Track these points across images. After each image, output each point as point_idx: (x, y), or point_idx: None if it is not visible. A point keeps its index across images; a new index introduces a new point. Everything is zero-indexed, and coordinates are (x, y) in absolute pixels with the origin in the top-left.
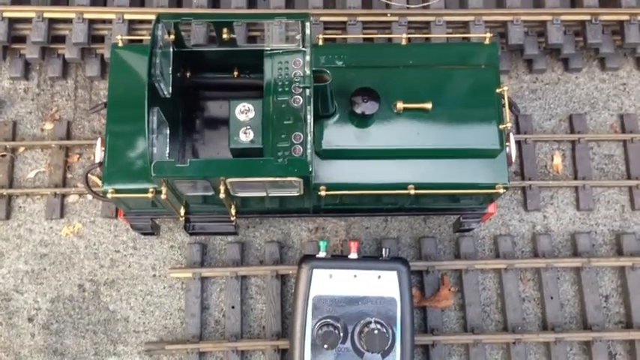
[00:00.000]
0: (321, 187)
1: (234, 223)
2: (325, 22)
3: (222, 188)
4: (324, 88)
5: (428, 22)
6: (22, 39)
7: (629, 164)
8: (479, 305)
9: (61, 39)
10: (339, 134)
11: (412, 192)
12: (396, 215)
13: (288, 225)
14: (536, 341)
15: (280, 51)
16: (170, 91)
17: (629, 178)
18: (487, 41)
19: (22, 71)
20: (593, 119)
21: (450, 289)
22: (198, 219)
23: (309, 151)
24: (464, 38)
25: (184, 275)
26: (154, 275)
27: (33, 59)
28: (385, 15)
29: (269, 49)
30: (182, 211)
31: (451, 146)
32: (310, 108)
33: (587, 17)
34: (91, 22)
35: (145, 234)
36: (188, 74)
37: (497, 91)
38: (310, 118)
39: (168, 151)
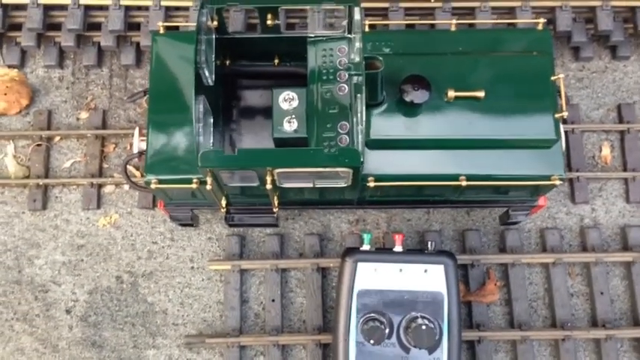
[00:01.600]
0: (369, 179)
1: (275, 215)
2: (366, 9)
3: (268, 179)
4: (375, 75)
5: (472, 8)
6: (56, 26)
7: None
8: (526, 300)
9: (97, 26)
10: (387, 124)
11: (464, 183)
12: (440, 207)
13: (328, 217)
14: (585, 338)
15: (324, 38)
16: (213, 79)
17: None
18: (539, 27)
19: (56, 59)
20: None
21: (495, 284)
22: (239, 210)
23: (359, 140)
24: (512, 24)
25: (223, 267)
26: (192, 267)
27: (68, 47)
28: (428, 1)
29: (313, 35)
30: (223, 203)
31: (504, 136)
32: (361, 96)
33: (638, 3)
34: (127, 8)
35: (183, 225)
36: (227, 62)
37: (552, 78)
38: (361, 107)
39: (212, 141)
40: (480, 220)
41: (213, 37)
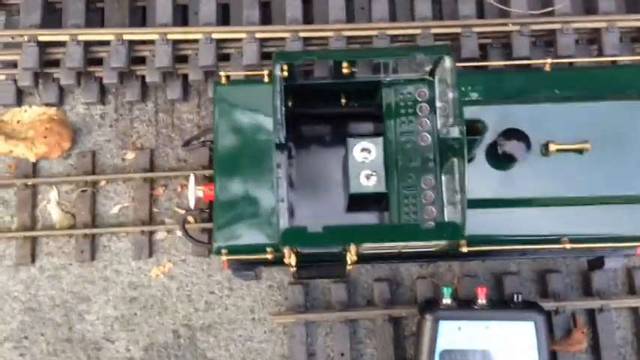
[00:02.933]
0: (461, 242)
1: (346, 273)
2: (435, 35)
3: (352, 251)
4: (474, 141)
5: (553, 31)
6: (96, 61)
7: None
8: (614, 347)
9: (140, 60)
10: (480, 181)
11: (568, 246)
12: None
13: (397, 265)
14: None
15: (402, 81)
16: (285, 136)
17: None
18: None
19: (97, 95)
20: None
21: (582, 332)
22: (310, 268)
23: (460, 211)
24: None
25: (287, 320)
26: (253, 318)
27: (111, 84)
28: (505, 25)
29: (388, 79)
30: (293, 262)
31: (611, 193)
32: (462, 161)
33: None
34: (174, 42)
35: (246, 280)
36: (290, 103)
37: None
38: (462, 171)
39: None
40: (560, 259)
41: (283, 85)
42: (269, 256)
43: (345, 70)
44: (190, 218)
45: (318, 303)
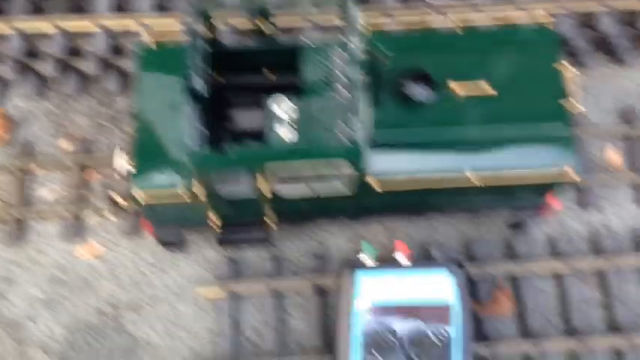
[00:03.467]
0: (372, 179)
1: (270, 232)
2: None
3: (263, 186)
4: (377, 72)
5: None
6: (36, 54)
7: None
8: (538, 312)
9: (78, 52)
10: (390, 123)
11: (473, 179)
12: (448, 215)
13: (325, 235)
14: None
15: (320, 44)
16: (208, 90)
17: None
18: (543, 21)
19: (36, 88)
20: None
21: (506, 295)
22: (232, 228)
23: (360, 136)
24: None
25: (213, 292)
26: (181, 296)
27: (50, 76)
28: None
29: (307, 42)
30: (215, 219)
31: (514, 130)
32: (361, 93)
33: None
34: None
35: (171, 248)
36: (222, 80)
37: (561, 72)
38: (362, 104)
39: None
40: (484, 229)
41: (206, 46)
42: (185, 198)
43: (262, 29)
44: (120, 200)
45: (246, 277)
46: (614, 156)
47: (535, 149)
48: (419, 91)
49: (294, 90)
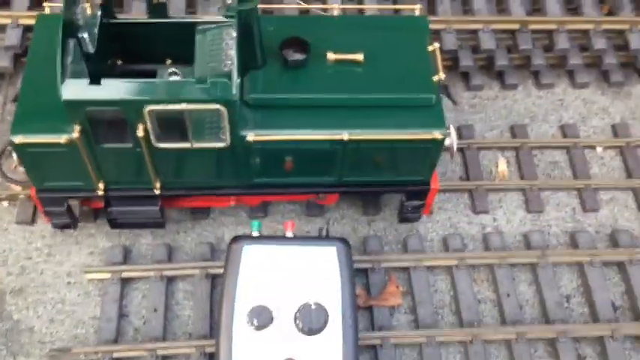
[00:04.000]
0: (250, 134)
1: (159, 205)
2: None
3: (140, 127)
4: (252, 20)
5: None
6: None
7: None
8: (430, 305)
9: None
10: (269, 84)
11: (345, 137)
12: (325, 192)
13: (222, 229)
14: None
15: (212, 26)
16: (93, 48)
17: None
18: (417, 13)
19: None
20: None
21: (397, 287)
22: (121, 204)
23: (234, 77)
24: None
25: (101, 276)
26: (69, 282)
27: None
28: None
29: (200, 20)
30: (101, 185)
31: (385, 95)
32: (236, 48)
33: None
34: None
35: (61, 226)
36: (119, 62)
37: (429, 49)
38: (235, 55)
39: None
40: (381, 230)
41: (98, 16)
42: (62, 140)
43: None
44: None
45: (136, 263)
46: (504, 166)
47: (405, 114)
48: (294, 54)
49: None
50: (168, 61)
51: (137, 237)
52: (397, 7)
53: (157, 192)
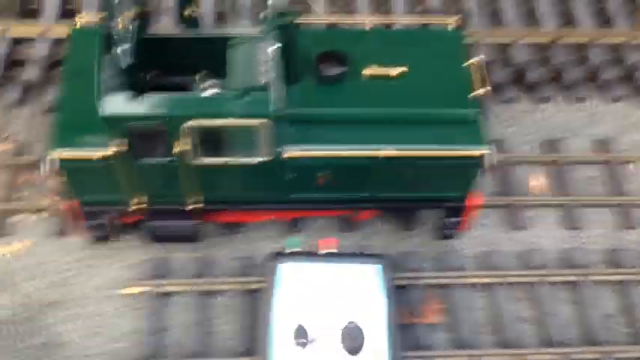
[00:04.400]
0: (287, 150)
1: (194, 221)
2: None
3: (180, 142)
4: (291, 27)
5: None
6: None
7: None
8: (470, 323)
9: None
10: (306, 98)
11: (382, 154)
12: (361, 208)
13: (256, 245)
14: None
15: (245, 39)
16: (130, 61)
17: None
18: (452, 26)
19: None
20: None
21: (436, 304)
22: (157, 218)
23: (273, 97)
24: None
25: (139, 290)
26: (106, 296)
27: None
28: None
29: (233, 34)
30: (138, 199)
31: (423, 110)
32: (276, 64)
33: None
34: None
35: (97, 239)
36: (154, 73)
37: (468, 63)
38: (275, 71)
39: None
40: (417, 245)
41: (134, 29)
42: (100, 155)
43: (186, 13)
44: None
45: (172, 278)
46: (538, 182)
47: (443, 130)
48: (331, 69)
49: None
50: (200, 74)
51: (171, 250)
52: (432, 20)
53: (194, 206)
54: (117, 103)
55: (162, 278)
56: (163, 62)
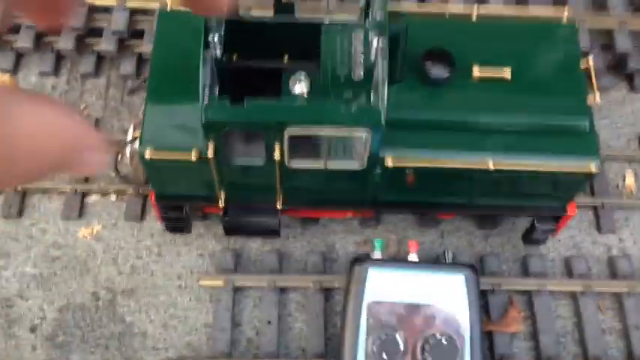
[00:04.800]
0: (388, 158)
1: (278, 220)
2: None
3: (277, 148)
4: (400, 30)
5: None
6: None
7: None
8: (553, 332)
9: (98, 32)
10: (407, 102)
11: (491, 166)
12: (453, 213)
13: (333, 237)
14: None
15: (339, 26)
16: (221, 51)
17: None
18: (565, 21)
19: (52, 66)
20: None
21: (518, 312)
22: (238, 213)
23: (380, 102)
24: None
25: (214, 283)
26: (180, 286)
27: (67, 52)
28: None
29: (327, 22)
30: (222, 195)
31: (533, 119)
32: (384, 57)
33: None
34: (133, 12)
35: (174, 229)
36: (234, 57)
37: (582, 66)
38: (383, 68)
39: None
40: (498, 245)
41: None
42: (193, 157)
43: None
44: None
45: (249, 271)
46: (632, 180)
47: (555, 141)
48: (436, 70)
49: (312, 67)
50: (289, 64)
51: (246, 241)
52: (542, 14)
53: (280, 207)
54: (218, 110)
55: (238, 272)
56: (248, 45)
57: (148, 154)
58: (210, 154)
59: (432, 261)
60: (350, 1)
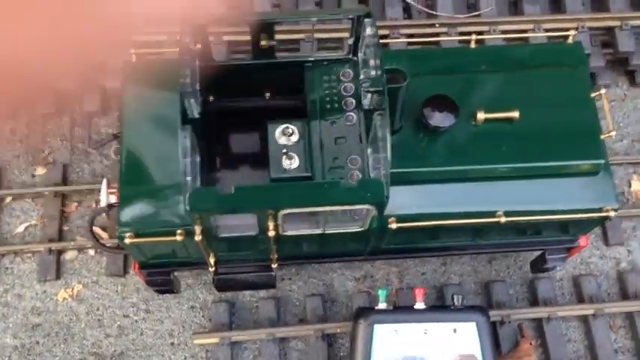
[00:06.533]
0: (390, 219)
1: (274, 274)
2: None
3: (270, 225)
4: (395, 94)
5: (481, 33)
6: None
7: None
8: (565, 358)
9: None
10: (407, 153)
11: (502, 220)
12: (464, 254)
13: (331, 275)
14: None
15: (325, 62)
16: (199, 111)
17: None
18: (570, 40)
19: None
20: None
21: (531, 343)
22: (230, 270)
23: (383, 173)
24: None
25: (210, 341)
26: (173, 343)
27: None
28: (433, 26)
29: (311, 59)
30: (212, 260)
31: (544, 163)
32: (383, 118)
33: None
34: None
35: (162, 292)
36: (211, 98)
37: (592, 95)
38: (383, 131)
39: (199, 184)
40: (504, 269)
41: (197, 63)
42: (179, 238)
43: (262, 43)
44: (104, 234)
45: (244, 323)
46: (639, 187)
47: (567, 187)
48: (438, 117)
49: (295, 113)
50: (270, 98)
51: (239, 292)
52: (548, 34)
53: (274, 266)
54: (205, 200)
55: (233, 326)
56: (226, 87)
57: (128, 239)
58: (197, 236)
59: (437, 299)
60: (334, 42)
